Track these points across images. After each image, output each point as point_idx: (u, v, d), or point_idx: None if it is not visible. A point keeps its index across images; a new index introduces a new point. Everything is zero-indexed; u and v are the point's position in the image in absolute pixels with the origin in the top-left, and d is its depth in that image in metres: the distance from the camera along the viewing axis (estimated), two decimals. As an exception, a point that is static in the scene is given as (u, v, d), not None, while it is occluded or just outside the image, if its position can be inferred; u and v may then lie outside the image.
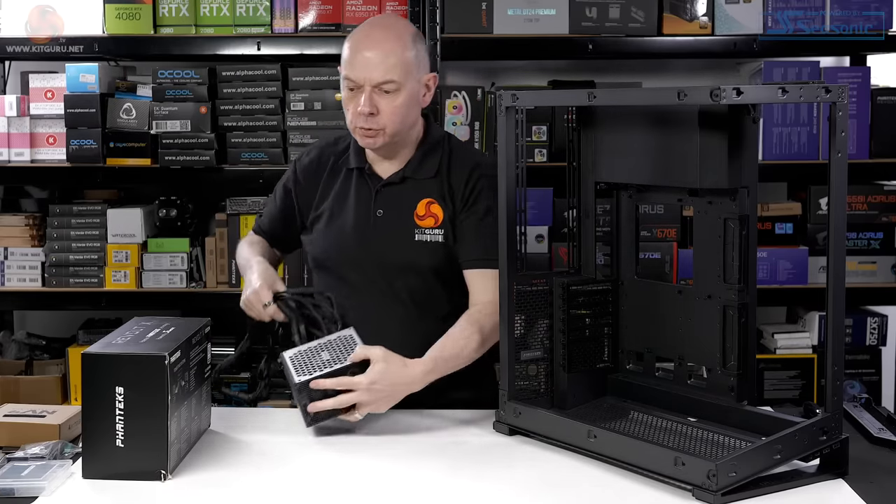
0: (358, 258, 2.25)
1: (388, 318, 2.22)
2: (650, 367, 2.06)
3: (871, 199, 3.11)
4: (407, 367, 2.02)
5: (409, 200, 2.25)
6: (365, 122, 2.17)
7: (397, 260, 2.23)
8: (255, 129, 3.08)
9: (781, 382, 3.11)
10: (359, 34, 2.21)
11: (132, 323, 1.95)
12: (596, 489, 1.74)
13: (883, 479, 1.78)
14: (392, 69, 2.15)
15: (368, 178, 2.28)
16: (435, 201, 2.25)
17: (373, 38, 2.18)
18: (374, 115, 2.16)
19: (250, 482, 1.79)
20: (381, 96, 2.16)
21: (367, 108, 2.15)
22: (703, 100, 1.64)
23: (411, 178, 2.27)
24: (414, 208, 2.25)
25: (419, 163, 2.27)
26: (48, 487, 1.72)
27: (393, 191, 2.27)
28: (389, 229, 2.25)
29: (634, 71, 3.34)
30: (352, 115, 2.19)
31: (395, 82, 2.15)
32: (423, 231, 2.24)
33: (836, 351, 1.76)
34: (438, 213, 2.24)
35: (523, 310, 2.02)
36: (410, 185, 2.27)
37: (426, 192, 2.25)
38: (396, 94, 2.17)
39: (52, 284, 3.14)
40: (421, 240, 2.23)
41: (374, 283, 2.25)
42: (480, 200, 2.23)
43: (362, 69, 2.15)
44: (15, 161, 3.13)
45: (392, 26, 2.23)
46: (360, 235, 2.26)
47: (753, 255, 1.90)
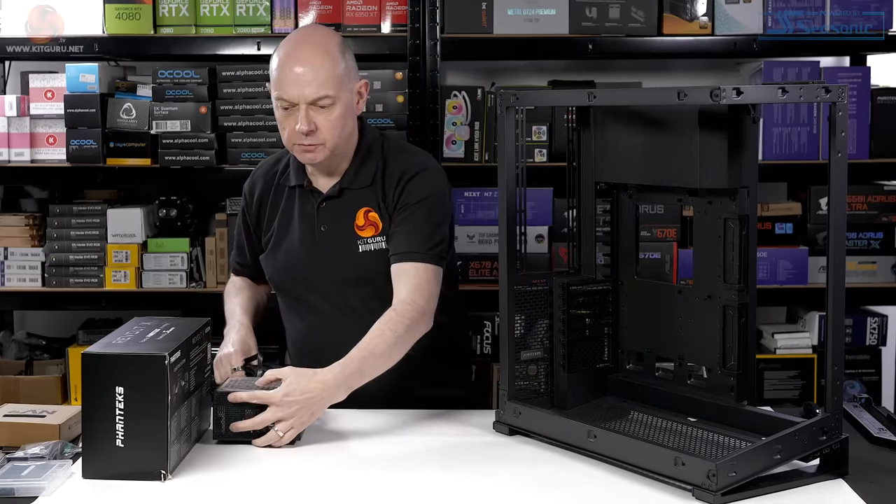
0: (309, 276, 2.25)
1: (345, 334, 2.14)
2: (650, 367, 2.06)
3: (871, 199, 3.11)
4: (316, 375, 1.97)
5: (349, 212, 2.23)
6: (303, 139, 2.15)
7: (346, 273, 2.23)
8: (255, 129, 3.08)
9: (781, 382, 3.11)
10: (285, 52, 2.17)
11: (132, 323, 1.95)
12: (596, 489, 1.74)
13: (883, 479, 1.78)
14: (324, 84, 2.12)
15: (310, 194, 2.27)
16: (372, 209, 2.23)
17: (301, 56, 2.14)
18: (312, 131, 2.14)
19: (250, 482, 1.79)
20: (317, 112, 2.14)
21: (304, 126, 2.12)
22: (703, 100, 1.64)
23: (348, 188, 2.24)
24: (353, 219, 2.23)
25: (355, 173, 2.25)
26: (48, 487, 1.72)
27: (333, 204, 2.25)
28: (333, 243, 2.23)
29: (634, 71, 3.33)
30: (289, 134, 2.17)
31: (329, 97, 2.13)
32: (365, 241, 2.22)
33: (836, 351, 1.76)
34: (377, 221, 2.22)
35: (523, 310, 2.02)
36: (348, 197, 2.24)
37: (363, 201, 2.23)
38: (332, 108, 2.15)
39: (52, 284, 3.13)
40: (365, 250, 2.22)
41: (327, 300, 2.24)
42: (409, 198, 2.21)
43: (294, 87, 2.12)
44: (15, 161, 3.13)
45: (317, 40, 2.18)
46: (307, 253, 2.25)
47: (753, 255, 1.90)
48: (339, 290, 2.24)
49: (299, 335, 2.33)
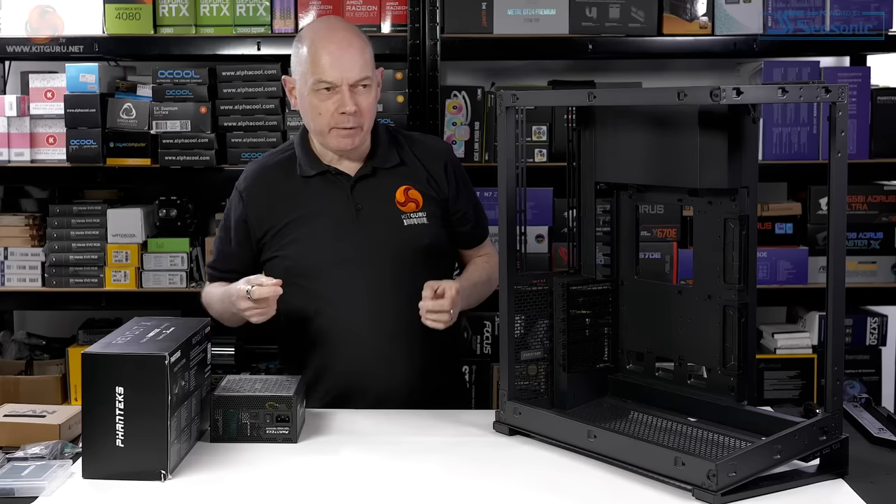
0: (345, 255, 2.25)
1: (379, 308, 2.23)
2: (650, 367, 2.06)
3: (871, 199, 3.11)
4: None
5: (387, 189, 2.29)
6: (348, 121, 2.18)
7: (390, 247, 2.25)
8: (255, 129, 3.08)
9: (781, 382, 3.11)
10: (319, 37, 2.21)
11: (132, 323, 1.95)
12: (596, 489, 1.74)
13: (883, 479, 1.78)
14: (366, 66, 2.21)
15: (335, 177, 2.29)
16: (412, 187, 2.30)
17: (338, 39, 2.20)
18: (356, 112, 2.18)
19: (250, 482, 1.79)
20: (358, 94, 2.20)
21: (351, 106, 2.18)
22: (703, 100, 1.64)
23: (381, 168, 2.30)
24: (393, 196, 2.28)
25: (384, 153, 2.31)
26: (48, 487, 1.72)
27: (367, 184, 2.29)
28: (376, 220, 2.26)
29: (634, 71, 3.34)
30: (328, 118, 2.20)
31: (369, 78, 2.21)
32: (408, 216, 2.28)
33: (836, 351, 1.76)
34: (418, 198, 2.29)
35: (523, 310, 2.02)
36: (383, 176, 2.30)
37: (400, 179, 2.30)
38: (370, 90, 2.23)
39: (52, 284, 3.14)
40: (409, 224, 2.27)
41: (361, 278, 2.25)
42: (465, 184, 2.38)
43: (339, 69, 2.17)
44: (15, 161, 3.13)
45: (348, 26, 2.28)
46: (345, 232, 2.26)
47: (753, 255, 1.90)
48: (382, 264, 2.25)
49: (322, 325, 2.27)
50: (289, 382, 2.04)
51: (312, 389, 2.27)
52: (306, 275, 2.27)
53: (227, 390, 1.99)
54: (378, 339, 2.24)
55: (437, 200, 2.32)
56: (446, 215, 2.33)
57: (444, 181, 2.33)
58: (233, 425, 1.96)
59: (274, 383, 2.04)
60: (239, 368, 3.18)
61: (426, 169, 2.33)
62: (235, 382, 2.04)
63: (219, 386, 2.03)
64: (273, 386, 2.01)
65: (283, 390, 1.99)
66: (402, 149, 2.34)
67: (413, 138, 2.42)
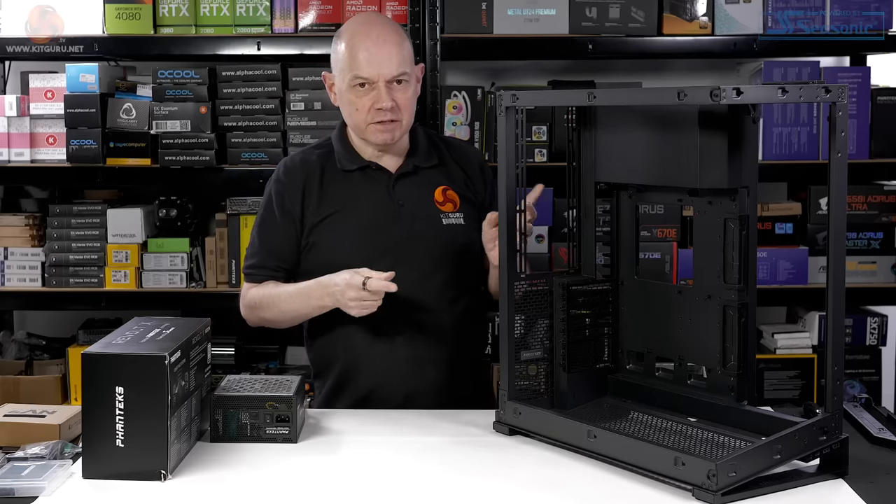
0: (384, 250, 2.24)
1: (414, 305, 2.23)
2: (650, 367, 2.06)
3: (871, 199, 3.11)
4: None
5: (427, 188, 2.31)
6: (385, 115, 2.20)
7: (430, 244, 2.26)
8: (255, 129, 3.08)
9: (781, 382, 3.11)
10: (356, 33, 2.22)
11: (132, 323, 1.95)
12: (596, 489, 1.74)
13: (883, 479, 1.78)
14: (403, 62, 2.21)
15: (375, 173, 2.29)
16: (449, 187, 2.32)
17: (376, 34, 2.21)
18: (393, 108, 2.20)
19: (250, 482, 1.79)
20: (395, 89, 2.21)
21: (388, 101, 2.19)
22: (703, 100, 1.64)
23: (421, 167, 2.32)
24: (432, 195, 2.30)
25: (425, 152, 2.33)
26: (48, 487, 1.72)
27: (408, 181, 2.31)
28: (417, 216, 2.28)
29: (634, 71, 3.34)
30: (366, 113, 2.22)
31: (406, 73, 2.22)
32: (447, 216, 2.30)
33: (836, 351, 1.76)
34: (455, 199, 2.32)
35: (523, 310, 2.02)
36: (423, 175, 2.32)
37: (438, 179, 2.32)
38: (407, 86, 2.24)
39: (52, 284, 3.14)
40: (448, 223, 2.29)
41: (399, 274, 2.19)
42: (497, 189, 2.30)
43: (376, 65, 2.19)
44: (15, 161, 3.13)
45: (387, 21, 2.29)
46: (384, 228, 2.26)
47: (753, 255, 1.89)
48: (421, 260, 2.25)
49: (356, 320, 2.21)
50: (289, 382, 2.04)
51: (342, 388, 2.28)
52: (344, 267, 2.20)
53: (227, 390, 1.99)
54: (412, 338, 2.24)
55: (474, 203, 2.34)
56: (480, 217, 2.31)
57: (480, 184, 2.37)
58: (233, 425, 1.96)
59: (274, 383, 2.04)
60: (239, 368, 3.18)
61: (464, 171, 2.36)
62: (235, 382, 2.04)
63: (219, 386, 2.03)
64: (273, 386, 2.01)
65: (283, 390, 1.99)
66: (439, 149, 2.37)
67: (448, 141, 2.45)
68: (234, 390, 1.99)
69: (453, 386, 2.28)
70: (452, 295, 2.28)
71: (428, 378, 2.26)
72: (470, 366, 2.36)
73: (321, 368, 2.35)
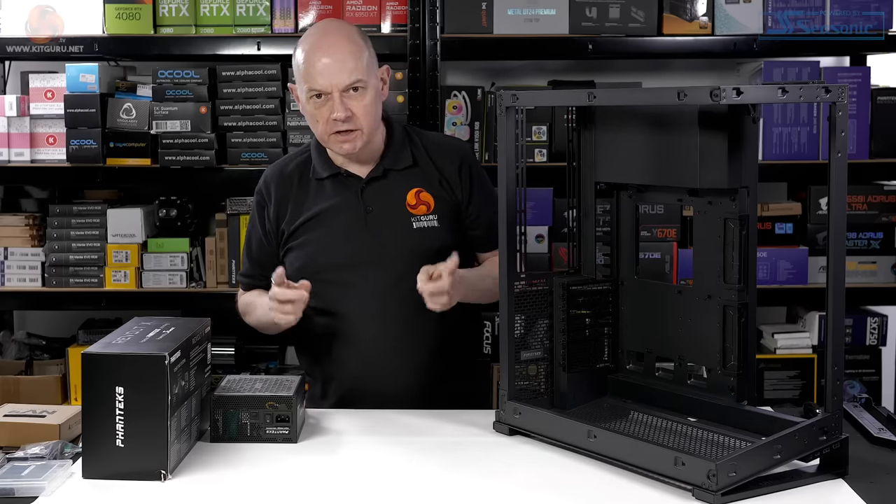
0: (354, 257, 2.26)
1: (388, 312, 2.24)
2: (650, 367, 2.06)
3: (871, 199, 3.11)
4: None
5: (397, 192, 2.29)
6: (341, 126, 2.18)
7: (399, 250, 2.25)
8: (255, 129, 3.08)
9: (781, 382, 3.11)
10: (310, 45, 2.22)
11: (132, 323, 1.95)
12: (596, 489, 1.74)
13: (883, 479, 1.78)
14: (355, 70, 2.18)
15: (346, 179, 2.30)
16: (423, 189, 2.29)
17: (327, 45, 2.19)
18: (349, 117, 2.18)
19: (250, 482, 1.79)
20: (351, 99, 2.19)
21: (342, 112, 2.17)
22: (703, 100, 1.64)
23: (391, 169, 2.30)
24: (404, 199, 2.28)
25: (396, 154, 2.31)
26: (48, 487, 1.72)
27: (378, 186, 2.29)
28: (386, 222, 2.27)
29: (634, 71, 3.34)
30: (324, 124, 2.21)
31: (362, 80, 2.19)
32: (418, 219, 2.28)
33: (836, 351, 1.76)
34: (429, 200, 2.29)
35: (523, 310, 2.02)
36: (393, 178, 2.30)
37: (412, 181, 2.30)
38: (364, 94, 2.21)
39: (52, 284, 3.14)
40: (419, 227, 2.27)
41: (375, 279, 2.26)
42: (481, 187, 2.35)
43: (327, 77, 2.17)
44: (15, 161, 3.13)
45: (340, 30, 2.26)
46: (354, 234, 2.27)
47: (753, 255, 1.90)
48: (390, 266, 2.25)
49: (329, 324, 2.28)
50: (289, 382, 2.04)
51: (324, 389, 2.30)
52: (317, 275, 2.26)
53: (227, 390, 1.99)
54: (384, 341, 2.25)
55: (450, 203, 2.32)
56: (459, 218, 2.33)
57: (457, 183, 2.33)
58: (233, 425, 1.96)
59: (274, 383, 2.04)
60: (239, 368, 3.18)
61: (439, 170, 2.33)
62: (235, 382, 2.05)
63: (219, 386, 2.03)
64: (273, 386, 2.01)
65: (283, 390, 1.99)
66: (417, 149, 2.34)
67: (429, 138, 2.41)
68: (234, 390, 1.99)
69: (432, 386, 2.27)
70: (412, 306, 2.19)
71: (403, 380, 2.26)
72: (453, 368, 2.34)
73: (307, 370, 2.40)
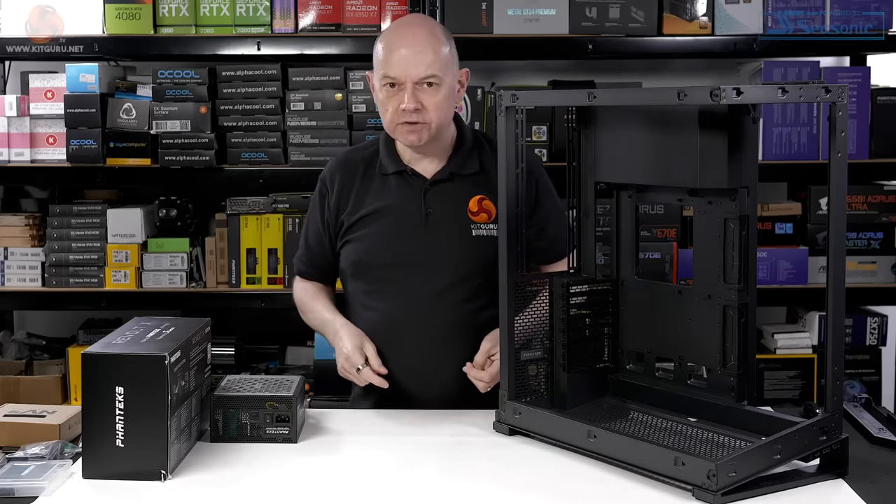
0: (408, 257, 2.24)
1: (435, 317, 2.22)
2: (650, 367, 2.06)
3: (871, 199, 3.11)
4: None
5: (460, 197, 2.27)
6: (410, 117, 2.18)
7: (455, 256, 2.24)
8: (255, 129, 3.08)
9: (781, 382, 3.11)
10: (393, 33, 2.23)
11: (132, 323, 1.95)
12: (596, 489, 1.74)
13: (883, 479, 1.78)
14: (432, 64, 2.18)
15: (411, 178, 2.28)
16: (486, 197, 2.27)
17: (409, 36, 2.20)
18: (419, 110, 2.18)
19: (250, 482, 1.79)
20: (423, 92, 2.19)
21: (412, 103, 2.17)
22: (703, 100, 1.64)
23: (458, 174, 2.28)
24: (466, 205, 2.26)
25: (464, 159, 2.29)
26: (48, 487, 1.72)
27: (442, 189, 2.28)
28: (445, 226, 2.25)
29: (634, 71, 3.34)
30: (393, 113, 2.20)
31: (437, 76, 2.19)
32: (478, 226, 2.26)
33: (836, 351, 1.76)
34: (491, 209, 2.26)
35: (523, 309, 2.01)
36: (458, 182, 2.28)
37: (476, 188, 2.28)
38: (438, 89, 2.20)
39: (52, 284, 3.14)
40: (478, 234, 2.25)
41: (425, 282, 2.23)
42: (548, 198, 2.33)
43: (403, 67, 2.18)
44: (15, 161, 3.13)
45: (424, 24, 2.26)
46: (411, 235, 2.25)
47: (753, 255, 1.89)
48: (442, 271, 2.23)
49: (376, 321, 2.25)
50: (289, 382, 2.04)
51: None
52: (369, 271, 2.26)
53: (227, 390, 1.99)
54: (428, 344, 2.22)
55: None
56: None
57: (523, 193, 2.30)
58: (233, 425, 1.96)
59: (274, 383, 2.04)
60: (239, 368, 3.18)
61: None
62: (235, 382, 2.05)
63: (219, 386, 2.03)
64: (273, 386, 2.02)
65: (283, 390, 1.99)
66: (486, 156, 2.31)
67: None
68: (234, 390, 1.99)
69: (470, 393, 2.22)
70: (479, 304, 2.23)
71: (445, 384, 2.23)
72: None
73: None
